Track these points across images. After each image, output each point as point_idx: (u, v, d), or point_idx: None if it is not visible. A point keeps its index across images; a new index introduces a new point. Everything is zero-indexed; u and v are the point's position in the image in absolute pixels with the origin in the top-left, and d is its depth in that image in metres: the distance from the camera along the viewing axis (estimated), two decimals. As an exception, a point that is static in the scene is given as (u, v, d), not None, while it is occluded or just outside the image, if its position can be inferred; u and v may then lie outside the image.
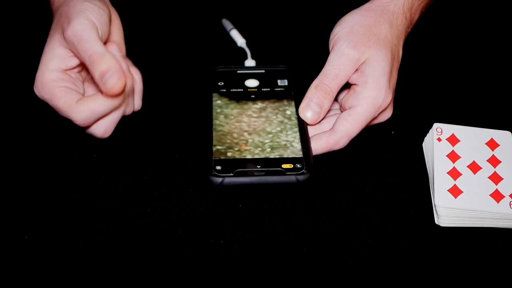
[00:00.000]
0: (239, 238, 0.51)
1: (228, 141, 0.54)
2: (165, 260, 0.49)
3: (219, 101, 0.58)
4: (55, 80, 0.52)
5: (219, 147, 0.53)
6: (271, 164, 0.52)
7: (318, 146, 0.54)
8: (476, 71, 0.68)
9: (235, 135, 0.54)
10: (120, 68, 0.49)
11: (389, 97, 0.55)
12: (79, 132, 0.55)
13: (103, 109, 0.51)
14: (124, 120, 0.58)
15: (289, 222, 0.52)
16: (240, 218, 0.52)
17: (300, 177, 0.51)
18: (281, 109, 0.57)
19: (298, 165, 0.51)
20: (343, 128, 0.54)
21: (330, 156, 0.56)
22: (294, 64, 0.63)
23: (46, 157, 0.56)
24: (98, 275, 0.48)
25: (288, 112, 0.57)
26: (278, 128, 0.55)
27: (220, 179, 0.50)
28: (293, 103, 0.58)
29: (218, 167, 0.51)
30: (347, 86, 0.57)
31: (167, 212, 0.52)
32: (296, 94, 0.59)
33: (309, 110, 0.55)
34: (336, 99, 0.58)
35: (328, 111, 0.57)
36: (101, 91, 0.51)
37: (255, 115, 0.57)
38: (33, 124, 0.59)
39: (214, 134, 0.54)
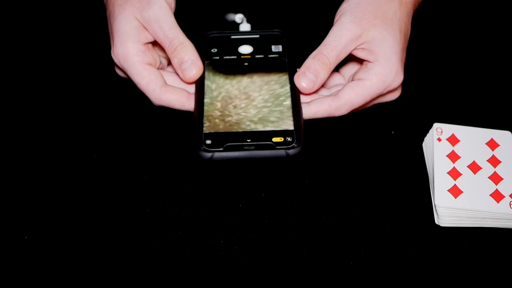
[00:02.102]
0: (239, 238, 0.51)
1: (218, 114, 0.52)
2: (165, 260, 0.49)
3: (210, 73, 0.56)
4: (137, 54, 0.53)
5: (208, 121, 0.52)
6: (261, 138, 0.50)
7: (319, 110, 0.53)
8: (476, 71, 0.68)
9: (225, 107, 0.53)
10: (199, 58, 0.54)
11: (400, 77, 0.54)
12: (79, 132, 0.55)
13: (178, 105, 0.54)
14: (124, 120, 0.58)
15: (289, 222, 0.52)
16: (240, 218, 0.52)
17: (290, 151, 0.49)
18: (273, 78, 0.56)
19: (289, 139, 0.50)
20: (347, 96, 0.53)
21: (330, 156, 0.56)
22: (291, 30, 0.61)
23: (46, 157, 0.56)
24: (98, 275, 0.48)
25: (280, 82, 0.55)
26: (271, 99, 0.54)
27: (209, 154, 0.49)
28: (286, 73, 0.56)
29: (208, 141, 0.50)
30: (359, 62, 0.56)
31: (167, 212, 0.52)
32: (290, 61, 0.57)
33: (304, 78, 0.54)
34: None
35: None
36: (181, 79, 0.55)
37: (245, 85, 0.55)
38: (33, 124, 0.59)
39: (204, 107, 0.53)
